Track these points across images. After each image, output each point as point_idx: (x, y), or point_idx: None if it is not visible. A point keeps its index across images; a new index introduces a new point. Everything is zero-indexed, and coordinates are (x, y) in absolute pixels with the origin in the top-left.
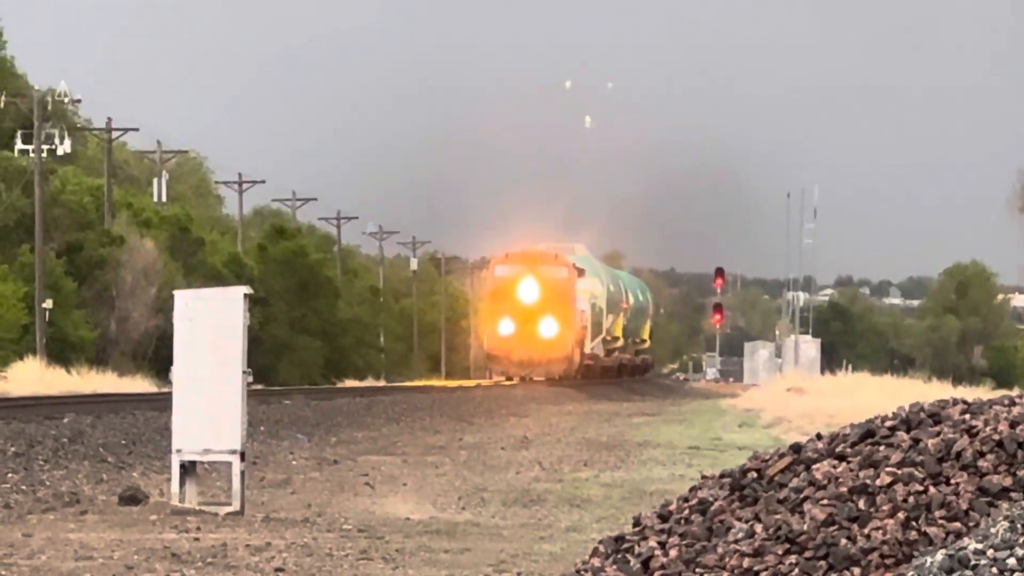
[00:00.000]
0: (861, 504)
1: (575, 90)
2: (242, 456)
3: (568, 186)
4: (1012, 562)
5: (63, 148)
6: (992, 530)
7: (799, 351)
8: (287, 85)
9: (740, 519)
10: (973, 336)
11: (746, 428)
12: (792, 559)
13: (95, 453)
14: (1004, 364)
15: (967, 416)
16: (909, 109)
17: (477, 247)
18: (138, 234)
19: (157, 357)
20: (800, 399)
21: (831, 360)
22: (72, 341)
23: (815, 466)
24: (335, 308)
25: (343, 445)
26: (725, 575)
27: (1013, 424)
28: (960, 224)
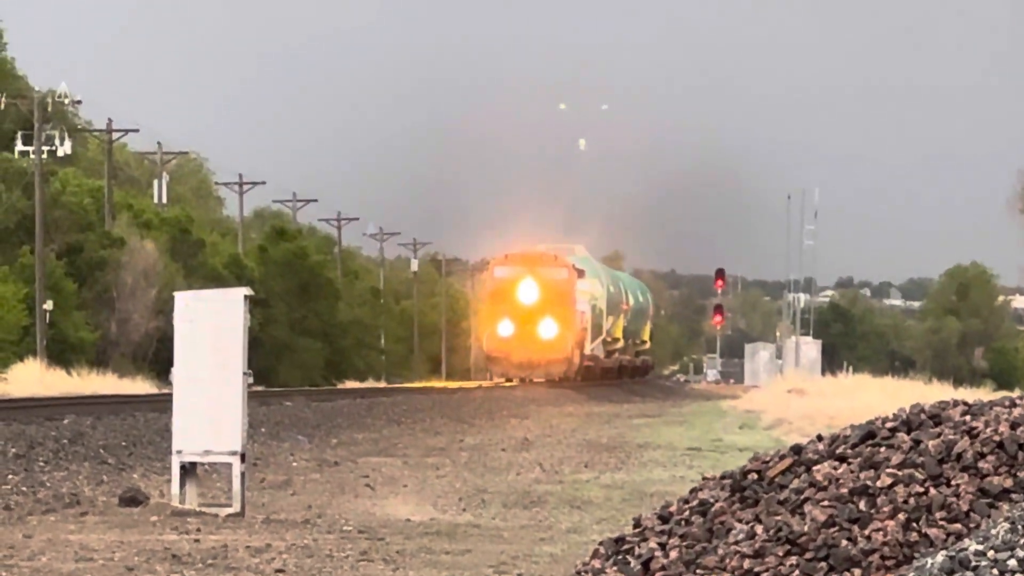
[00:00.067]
0: (862, 505)
1: (575, 89)
2: (242, 457)
3: (568, 186)
4: (1013, 563)
5: (63, 149)
6: (993, 531)
7: (800, 352)
8: (287, 85)
9: (741, 520)
10: (974, 338)
11: (747, 429)
12: (793, 560)
13: (95, 454)
14: (1005, 366)
15: (968, 417)
16: (909, 109)
17: (478, 248)
18: (138, 235)
19: (157, 358)
20: (801, 400)
21: (832, 361)
22: (72, 342)
23: (816, 467)
24: (336, 309)
25: (343, 446)
26: None
27: (1014, 425)
28: (960, 225)
